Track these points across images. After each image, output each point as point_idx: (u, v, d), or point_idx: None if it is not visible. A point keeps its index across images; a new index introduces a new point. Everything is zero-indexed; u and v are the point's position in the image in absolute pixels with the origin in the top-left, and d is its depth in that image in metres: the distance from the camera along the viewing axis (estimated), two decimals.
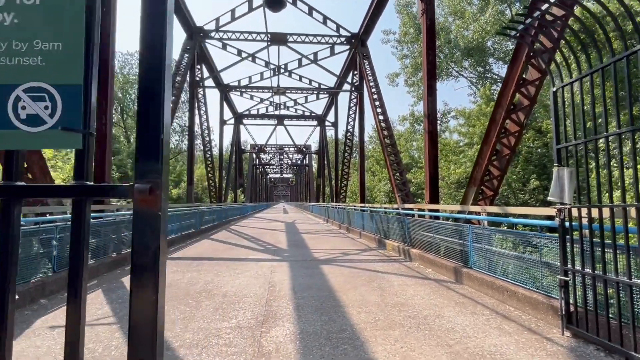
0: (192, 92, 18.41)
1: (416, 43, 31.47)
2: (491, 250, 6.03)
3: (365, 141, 23.15)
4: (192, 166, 18.03)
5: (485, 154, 7.51)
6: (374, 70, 17.03)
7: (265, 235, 16.00)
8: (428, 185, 9.70)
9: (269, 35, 18.56)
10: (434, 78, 9.97)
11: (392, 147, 14.31)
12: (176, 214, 13.51)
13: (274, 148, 50.46)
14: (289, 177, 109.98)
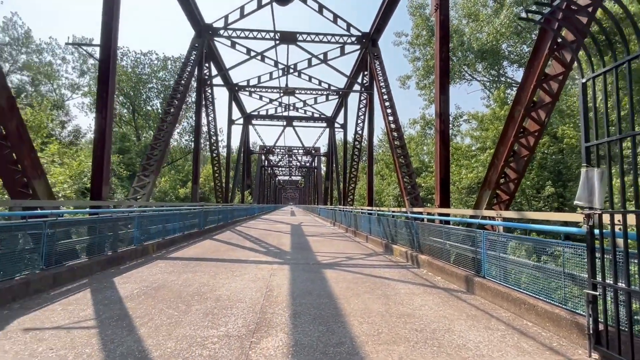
0: (200, 90, 18.19)
1: (428, 45, 30.96)
2: (507, 259, 5.55)
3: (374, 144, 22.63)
4: (197, 165, 17.78)
5: (502, 155, 7.01)
6: (384, 71, 16.60)
7: (269, 237, 15.64)
8: (438, 188, 9.22)
9: (278, 33, 18.27)
10: (446, 76, 9.52)
11: (402, 148, 13.85)
12: (179, 213, 13.22)
13: (283, 150, 50.22)
14: (297, 180, 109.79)
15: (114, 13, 9.08)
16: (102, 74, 8.77)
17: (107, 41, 8.83)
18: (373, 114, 19.13)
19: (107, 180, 8.71)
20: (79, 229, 7.49)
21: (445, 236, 7.68)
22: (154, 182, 12.17)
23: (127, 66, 49.11)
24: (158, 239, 11.09)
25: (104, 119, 8.51)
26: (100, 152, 8.53)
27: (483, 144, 21.17)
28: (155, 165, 12.19)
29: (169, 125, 13.47)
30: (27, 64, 36.33)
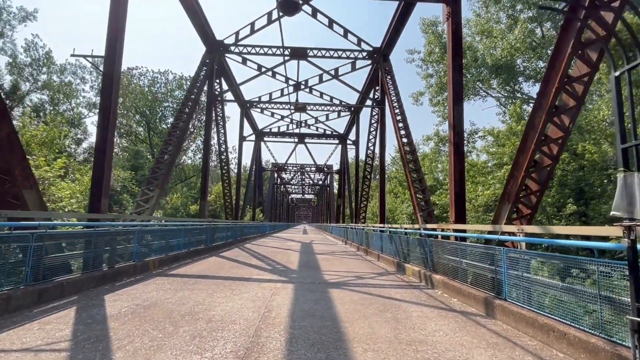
0: (210, 106, 18.16)
1: (441, 62, 30.72)
2: (531, 279, 4.95)
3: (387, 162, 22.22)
4: (206, 180, 17.56)
5: (522, 165, 6.44)
6: (396, 85, 16.29)
7: (277, 255, 15.15)
8: (453, 203, 8.66)
9: (289, 49, 18.24)
10: (460, 86, 9.10)
11: (414, 163, 13.34)
12: (184, 229, 12.89)
13: (295, 167, 50.08)
14: (310, 198, 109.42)
15: (119, 27, 9.03)
16: (106, 84, 8.65)
17: (111, 54, 8.74)
18: (385, 129, 18.75)
19: (106, 193, 8.45)
20: (72, 243, 7.18)
21: (461, 254, 7.09)
22: (158, 197, 11.93)
23: (144, 85, 50.41)
24: (160, 255, 10.73)
25: (105, 129, 8.33)
26: (100, 163, 8.31)
27: (500, 160, 20.46)
28: (160, 179, 11.97)
29: (177, 139, 13.32)
30: (47, 83, 37.42)
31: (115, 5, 8.95)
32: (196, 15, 15.01)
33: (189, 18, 15.11)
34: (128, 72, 48.93)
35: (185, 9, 14.21)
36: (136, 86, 49.09)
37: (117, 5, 8.98)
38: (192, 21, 15.64)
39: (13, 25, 35.00)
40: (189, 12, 14.60)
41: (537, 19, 27.51)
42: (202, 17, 15.48)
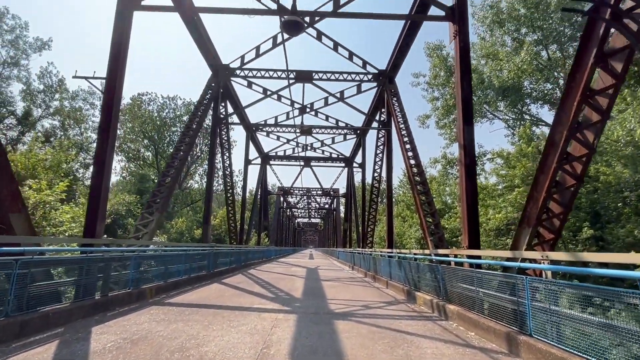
0: (215, 129, 18.07)
1: (447, 86, 30.74)
2: (561, 313, 4.41)
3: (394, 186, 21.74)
4: (209, 205, 17.24)
5: (542, 186, 5.97)
6: (402, 106, 16.08)
7: (281, 281, 14.57)
8: (466, 227, 8.16)
9: (294, 72, 18.26)
10: (469, 105, 8.78)
11: (423, 185, 12.89)
12: (185, 254, 12.44)
13: (301, 191, 49.74)
14: (317, 222, 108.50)
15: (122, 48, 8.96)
16: (106, 106, 8.49)
17: (112, 78, 8.62)
18: (391, 151, 18.43)
19: (102, 216, 8.12)
20: (62, 270, 6.78)
21: (478, 283, 6.54)
22: (158, 221, 11.58)
23: (153, 110, 51.19)
24: (159, 282, 10.27)
25: (104, 151, 8.09)
26: (97, 185, 8.02)
27: (511, 182, 19.92)
28: (161, 203, 11.65)
29: (179, 162, 13.10)
30: (59, 109, 38.09)
31: (119, 26, 8.91)
32: (202, 39, 15.11)
33: (195, 42, 15.22)
34: (138, 98, 49.87)
35: (191, 33, 14.32)
36: (145, 111, 49.90)
37: (121, 27, 8.95)
38: (198, 46, 15.75)
39: (28, 54, 36.02)
40: (195, 37, 14.70)
41: (542, 41, 27.54)
42: (207, 42, 15.59)
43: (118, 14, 8.99)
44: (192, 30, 14.33)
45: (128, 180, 46.74)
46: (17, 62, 35.66)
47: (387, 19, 11.10)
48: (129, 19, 9.14)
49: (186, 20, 13.28)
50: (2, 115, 36.07)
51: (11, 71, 35.60)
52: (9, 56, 34.74)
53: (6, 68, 35.09)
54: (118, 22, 8.94)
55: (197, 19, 14.01)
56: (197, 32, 14.38)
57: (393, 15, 11.10)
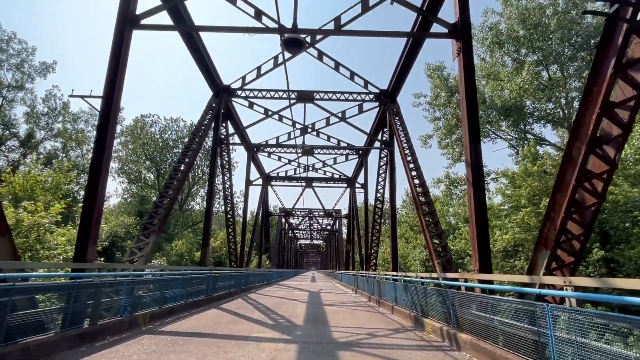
0: (215, 150, 17.88)
1: (448, 106, 30.78)
2: (591, 346, 3.97)
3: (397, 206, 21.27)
4: (208, 226, 16.84)
5: (560, 205, 5.59)
6: (405, 126, 15.89)
7: (282, 306, 14.00)
8: (476, 250, 7.75)
9: (295, 93, 18.21)
10: (476, 122, 8.53)
11: (428, 205, 12.51)
12: (182, 278, 11.97)
13: (303, 212, 49.23)
14: (319, 244, 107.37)
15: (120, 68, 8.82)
16: (102, 126, 8.27)
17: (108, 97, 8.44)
18: (394, 171, 18.13)
19: (94, 239, 7.76)
20: (48, 297, 6.36)
21: (492, 310, 6.09)
22: (154, 243, 11.17)
23: (156, 132, 51.37)
24: (153, 308, 9.78)
25: (97, 172, 7.81)
26: (89, 206, 7.70)
27: (517, 202, 19.48)
28: (157, 224, 11.28)
29: (178, 182, 12.80)
30: (61, 132, 38.22)
31: (117, 45, 8.80)
32: (203, 60, 15.13)
33: (196, 63, 15.22)
34: (141, 120, 50.17)
35: (192, 54, 14.33)
36: (147, 133, 50.09)
37: (119, 46, 8.84)
38: (199, 66, 15.76)
39: (33, 77, 36.45)
40: (196, 57, 14.70)
41: (542, 62, 27.68)
42: (208, 63, 15.60)
43: (117, 33, 8.91)
44: (193, 50, 14.34)
45: (129, 202, 46.44)
46: (22, 86, 36.03)
47: (389, 36, 11.02)
48: (128, 37, 9.06)
49: (187, 40, 13.29)
50: (5, 137, 36.19)
51: (15, 94, 35.95)
52: (14, 79, 35.14)
53: (10, 91, 35.43)
54: (116, 41, 8.84)
55: (198, 40, 14.02)
56: (198, 53, 14.39)
57: (395, 32, 11.05)
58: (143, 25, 9.55)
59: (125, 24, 9.01)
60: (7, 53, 34.18)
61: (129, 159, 49.37)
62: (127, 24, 9.01)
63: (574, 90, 28.01)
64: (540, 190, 19.36)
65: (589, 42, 25.69)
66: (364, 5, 11.34)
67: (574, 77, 27.76)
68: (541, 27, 25.72)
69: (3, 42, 34.18)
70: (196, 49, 14.26)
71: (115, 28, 8.93)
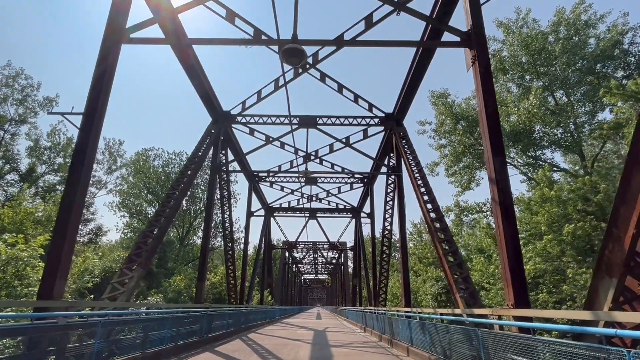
0: (213, 178, 17.00)
1: (454, 133, 30.14)
2: None
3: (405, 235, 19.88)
4: (204, 260, 15.63)
5: (627, 220, 4.48)
6: (413, 149, 15.03)
7: (284, 349, 12.57)
8: (509, 280, 6.59)
9: (297, 118, 17.56)
10: (498, 136, 7.63)
11: (444, 232, 11.35)
12: (171, 318, 10.70)
13: (307, 245, 47.65)
14: (324, 279, 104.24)
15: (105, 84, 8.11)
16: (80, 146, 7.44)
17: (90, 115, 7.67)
18: (403, 198, 17.07)
19: (64, 273, 6.70)
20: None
21: (542, 355, 4.87)
22: (140, 279, 10.02)
23: (158, 166, 50.95)
24: (134, 353, 8.51)
25: (71, 195, 6.87)
26: (60, 233, 6.69)
27: (534, 229, 18.25)
28: (144, 257, 10.16)
29: (171, 210, 11.80)
30: (62, 166, 37.83)
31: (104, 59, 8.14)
32: (202, 86, 14.57)
33: (195, 88, 14.66)
34: (144, 153, 49.96)
35: (190, 79, 13.78)
36: (150, 167, 49.69)
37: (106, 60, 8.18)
38: (198, 91, 15.20)
39: (37, 111, 36.53)
40: (195, 83, 14.15)
41: (548, 87, 27.23)
42: (207, 87, 15.05)
43: (104, 47, 8.29)
44: (192, 76, 13.81)
45: (130, 237, 45.29)
46: (24, 120, 36.04)
47: (396, 46, 10.35)
48: (116, 52, 8.43)
49: (185, 65, 12.73)
50: (5, 171, 35.75)
51: (18, 128, 35.89)
52: (17, 114, 35.19)
53: (13, 125, 35.39)
54: (103, 55, 8.20)
55: (195, 63, 13.51)
56: (196, 79, 13.85)
57: (404, 42, 10.38)
58: (132, 39, 8.97)
59: (114, 37, 8.41)
60: (13, 88, 34.42)
61: (130, 192, 48.74)
62: (115, 38, 8.42)
63: (583, 115, 27.39)
64: (560, 217, 18.15)
65: (595, 67, 25.30)
66: (368, 22, 10.82)
67: (581, 101, 27.21)
68: (545, 52, 25.45)
69: (10, 78, 34.56)
70: (194, 74, 13.72)
71: (103, 42, 8.33)
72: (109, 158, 42.65)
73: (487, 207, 27.91)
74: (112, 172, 43.25)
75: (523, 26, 27.46)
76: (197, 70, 13.69)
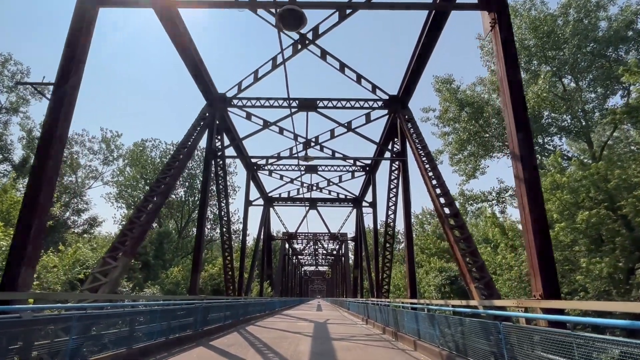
0: (208, 164, 16.14)
1: (457, 121, 29.22)
2: None
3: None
4: (199, 249, 14.82)
5: None
6: (419, 132, 14.13)
7: (284, 342, 11.85)
8: (536, 268, 5.79)
9: (297, 101, 16.63)
10: (520, 104, 6.78)
11: (455, 218, 10.52)
12: (161, 311, 9.94)
13: (308, 236, 46.94)
14: (324, 270, 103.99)
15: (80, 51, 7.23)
16: (51, 118, 6.58)
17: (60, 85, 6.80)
18: (408, 184, 16.21)
19: (32, 260, 5.90)
20: None
21: (585, 354, 4.09)
22: (125, 268, 9.23)
23: (156, 157, 50.03)
24: (118, 350, 7.77)
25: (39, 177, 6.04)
26: (27, 215, 5.88)
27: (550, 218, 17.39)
28: (130, 244, 9.36)
29: (160, 196, 10.96)
30: None
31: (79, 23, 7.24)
32: (193, 62, 13.58)
33: (186, 65, 13.69)
34: (141, 144, 49.04)
35: (180, 52, 12.78)
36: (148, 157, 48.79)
37: (81, 24, 7.28)
38: (191, 72, 14.27)
39: (28, 99, 35.51)
40: (185, 57, 13.13)
41: (556, 73, 26.25)
42: (199, 62, 14.06)
43: (78, 11, 7.38)
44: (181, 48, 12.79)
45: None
46: (16, 109, 35.06)
47: (405, 8, 9.29)
48: (92, 15, 7.54)
49: (171, 33, 11.64)
50: None
51: (9, 117, 34.93)
52: (9, 102, 34.20)
53: (4, 114, 34.43)
54: (78, 18, 7.30)
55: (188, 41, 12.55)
56: (187, 53, 12.84)
57: (414, 4, 9.34)
58: (111, 0, 8.07)
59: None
60: (3, 75, 33.39)
61: (127, 183, 47.91)
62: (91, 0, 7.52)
63: (592, 101, 26.47)
64: (571, 204, 17.34)
65: (607, 50, 24.29)
66: None
67: (591, 87, 26.25)
68: (554, 35, 24.43)
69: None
70: (184, 47, 12.69)
71: (77, 4, 7.42)
72: (106, 148, 41.75)
73: (493, 196, 27.14)
74: (109, 163, 42.39)
75: (531, 8, 26.41)
76: (186, 42, 12.52)
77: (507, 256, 20.80)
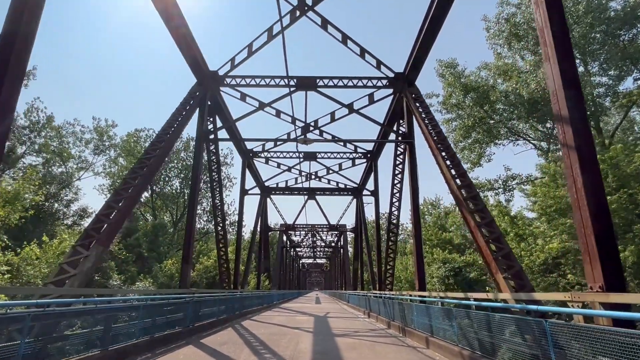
0: (199, 148, 14.91)
1: (461, 108, 28.09)
2: None
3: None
4: (190, 239, 13.62)
5: None
6: (429, 110, 12.99)
7: (282, 339, 10.78)
8: (594, 253, 4.70)
9: (295, 79, 15.38)
10: (569, 57, 5.64)
11: (474, 201, 9.39)
12: (143, 306, 8.81)
13: (306, 227, 45.85)
14: (322, 263, 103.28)
15: None
16: None
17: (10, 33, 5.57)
18: (416, 167, 15.05)
19: None
20: None
21: None
22: (98, 258, 8.05)
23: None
24: (92, 351, 6.65)
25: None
26: None
27: (557, 204, 16.36)
28: (105, 231, 8.19)
29: (142, 178, 9.77)
30: (43, 146, 35.59)
31: None
32: (181, 33, 12.31)
33: (173, 38, 12.41)
34: (135, 134, 47.56)
35: (165, 22, 11.51)
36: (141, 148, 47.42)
37: None
38: (180, 46, 12.99)
39: None
40: (171, 27, 11.85)
41: None
42: (191, 41, 12.82)
43: None
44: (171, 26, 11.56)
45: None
46: None
47: None
48: None
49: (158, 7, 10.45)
50: None
51: None
52: None
53: None
54: None
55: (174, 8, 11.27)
56: (172, 22, 11.58)
57: None
58: None
59: None
60: None
61: (121, 174, 46.55)
62: None
63: (601, 86, 25.33)
64: None
65: (621, 29, 23.09)
66: None
67: (602, 70, 25.10)
68: (566, 12, 23.16)
69: None
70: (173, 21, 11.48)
71: None
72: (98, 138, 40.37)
73: (500, 184, 26.10)
74: (100, 152, 41.01)
75: None
76: (170, 6, 11.24)
77: (521, 245, 19.80)
